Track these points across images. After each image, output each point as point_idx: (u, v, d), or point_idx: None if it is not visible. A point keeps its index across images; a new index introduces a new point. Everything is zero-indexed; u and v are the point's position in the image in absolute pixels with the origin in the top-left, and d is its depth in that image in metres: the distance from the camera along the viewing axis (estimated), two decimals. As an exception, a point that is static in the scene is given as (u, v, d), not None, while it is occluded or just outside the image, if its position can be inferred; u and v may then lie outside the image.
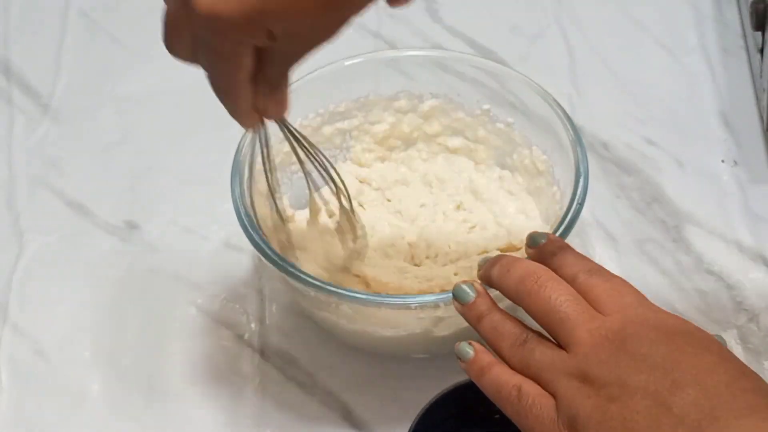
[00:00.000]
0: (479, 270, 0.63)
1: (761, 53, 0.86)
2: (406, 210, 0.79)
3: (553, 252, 0.61)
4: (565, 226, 0.68)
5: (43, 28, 0.98)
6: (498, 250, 0.75)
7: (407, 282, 0.73)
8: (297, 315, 0.76)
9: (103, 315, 0.78)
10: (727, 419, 0.50)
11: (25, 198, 0.86)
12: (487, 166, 0.80)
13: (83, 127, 0.91)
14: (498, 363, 0.58)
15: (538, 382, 0.55)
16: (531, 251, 0.63)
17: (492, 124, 0.80)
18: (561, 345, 0.56)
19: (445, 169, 0.81)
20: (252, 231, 0.69)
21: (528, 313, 0.58)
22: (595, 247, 0.80)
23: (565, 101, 0.76)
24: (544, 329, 0.57)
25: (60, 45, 0.97)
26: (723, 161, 0.86)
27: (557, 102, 0.75)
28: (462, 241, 0.77)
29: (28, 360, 0.76)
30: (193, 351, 0.76)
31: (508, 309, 0.61)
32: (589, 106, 0.90)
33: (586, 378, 0.53)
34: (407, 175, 0.81)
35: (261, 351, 0.76)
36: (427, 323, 0.68)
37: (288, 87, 0.61)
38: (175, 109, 0.91)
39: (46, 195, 0.86)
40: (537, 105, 0.75)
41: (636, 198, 0.84)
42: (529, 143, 0.78)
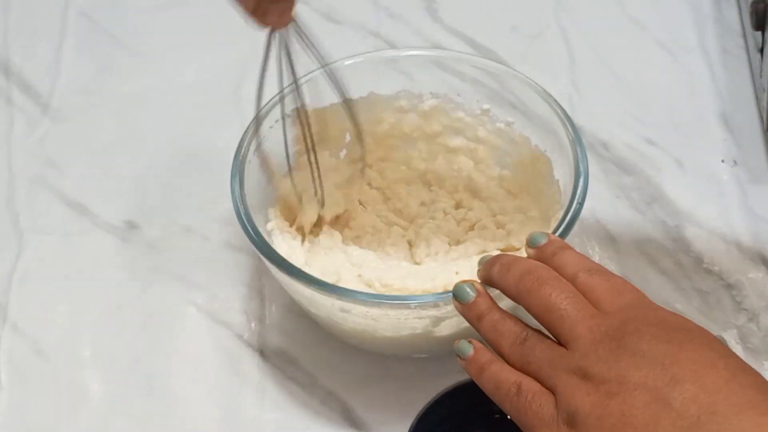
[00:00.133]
0: (479, 269, 0.63)
1: (761, 53, 0.86)
2: (406, 209, 0.79)
3: (554, 252, 0.61)
4: (565, 226, 0.68)
5: (43, 28, 0.98)
6: (498, 249, 0.75)
7: (408, 282, 0.73)
8: (297, 315, 0.76)
9: (103, 315, 0.79)
10: (726, 414, 0.50)
11: (25, 198, 0.86)
12: (487, 165, 0.80)
13: (83, 127, 0.91)
14: (497, 360, 0.58)
15: (538, 379, 0.56)
16: (531, 251, 0.63)
17: (492, 124, 0.80)
18: (561, 342, 0.56)
19: (445, 169, 0.81)
20: (252, 231, 0.69)
21: (528, 311, 0.58)
22: (595, 247, 0.80)
23: (565, 101, 0.76)
24: (544, 327, 0.57)
25: (60, 45, 0.97)
26: (723, 161, 0.86)
27: (557, 102, 0.75)
28: (462, 240, 0.77)
29: (28, 360, 0.76)
30: (193, 351, 0.76)
31: (508, 309, 0.61)
32: (589, 106, 0.90)
33: (585, 374, 0.53)
34: (407, 174, 0.81)
35: (261, 351, 0.76)
36: (427, 323, 0.68)
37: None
38: (175, 109, 0.91)
39: (46, 195, 0.86)
40: (537, 105, 0.75)
41: (636, 198, 0.84)
42: (529, 143, 0.78)
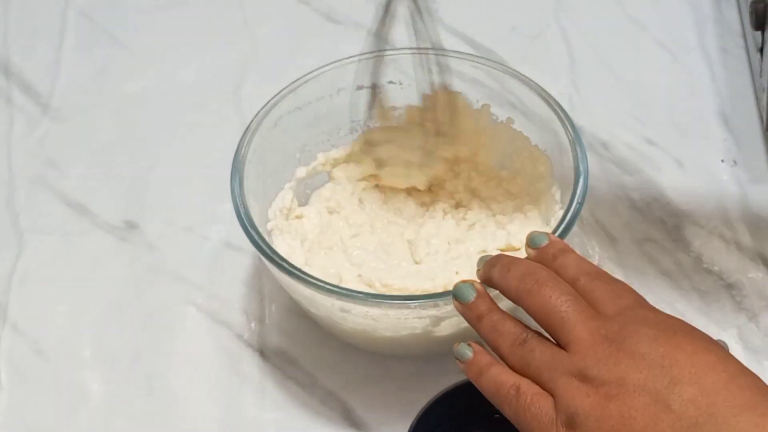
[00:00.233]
0: (479, 269, 0.63)
1: (761, 53, 0.86)
2: (405, 208, 0.79)
3: (555, 255, 0.61)
4: (565, 226, 0.68)
5: (43, 28, 0.98)
6: (498, 249, 0.75)
7: (408, 281, 0.73)
8: (297, 315, 0.76)
9: (103, 315, 0.78)
10: (725, 416, 0.50)
11: (25, 198, 0.86)
12: (487, 165, 0.80)
13: (83, 127, 0.91)
14: (496, 363, 0.58)
15: (537, 381, 0.56)
16: (532, 252, 0.63)
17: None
18: (560, 344, 0.56)
19: (445, 168, 0.81)
20: (252, 231, 0.69)
21: (527, 313, 0.58)
22: (595, 247, 0.80)
23: (565, 101, 0.76)
24: (543, 329, 0.57)
25: (60, 45, 0.97)
26: (723, 161, 0.86)
27: (557, 102, 0.75)
28: (461, 240, 0.77)
29: (28, 360, 0.76)
30: (193, 351, 0.76)
31: (508, 309, 0.61)
32: (589, 106, 0.89)
33: (585, 377, 0.53)
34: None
35: (261, 351, 0.76)
36: (427, 323, 0.68)
37: None
38: (175, 109, 0.91)
39: (46, 195, 0.86)
40: (537, 105, 0.75)
41: (636, 198, 0.84)
42: (529, 143, 0.78)
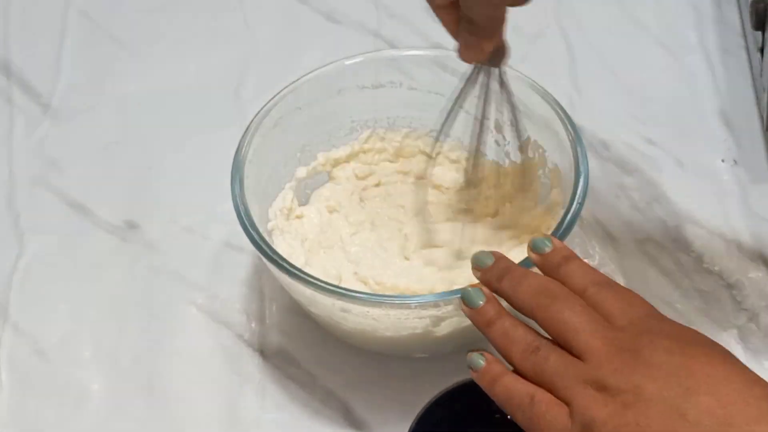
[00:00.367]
0: (473, 266, 0.63)
1: (761, 53, 0.86)
2: (407, 205, 0.79)
3: (559, 263, 0.61)
4: (565, 226, 0.68)
5: (43, 28, 0.98)
6: (497, 247, 0.75)
7: (409, 281, 0.73)
8: (297, 315, 0.76)
9: (103, 315, 0.78)
10: (741, 426, 0.50)
11: (25, 198, 0.86)
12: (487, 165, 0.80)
13: (83, 127, 0.91)
14: (509, 372, 0.58)
15: (551, 390, 0.55)
16: (535, 257, 0.63)
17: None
18: (574, 354, 0.56)
19: (445, 166, 0.81)
20: (252, 231, 0.69)
21: (540, 326, 0.58)
22: (595, 247, 0.80)
23: (565, 101, 0.76)
24: (556, 340, 0.57)
25: (60, 45, 0.97)
26: (723, 161, 0.85)
27: (557, 102, 0.74)
28: (462, 237, 0.76)
29: (28, 360, 0.76)
30: (193, 351, 0.76)
31: (510, 311, 0.61)
32: (589, 106, 0.89)
33: (601, 385, 0.53)
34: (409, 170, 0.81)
35: (261, 351, 0.76)
36: (428, 323, 0.68)
37: (487, 41, 0.66)
38: (175, 109, 0.91)
39: (46, 195, 0.86)
40: (537, 105, 0.75)
41: (636, 198, 0.83)
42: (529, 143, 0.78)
